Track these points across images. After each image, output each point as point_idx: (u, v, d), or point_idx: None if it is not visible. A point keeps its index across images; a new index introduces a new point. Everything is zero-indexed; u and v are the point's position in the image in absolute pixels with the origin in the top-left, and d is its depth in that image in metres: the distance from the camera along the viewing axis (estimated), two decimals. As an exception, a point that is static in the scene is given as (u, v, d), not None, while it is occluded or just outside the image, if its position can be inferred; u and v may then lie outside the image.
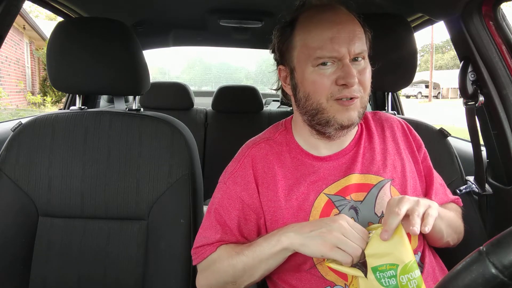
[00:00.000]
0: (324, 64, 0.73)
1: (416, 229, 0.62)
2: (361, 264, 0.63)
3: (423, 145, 0.88)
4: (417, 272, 0.61)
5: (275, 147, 0.83)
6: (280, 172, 0.79)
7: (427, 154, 0.88)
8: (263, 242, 0.71)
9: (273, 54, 0.85)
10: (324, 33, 0.73)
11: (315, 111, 0.75)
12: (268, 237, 0.72)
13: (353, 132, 0.83)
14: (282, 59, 0.82)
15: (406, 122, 0.90)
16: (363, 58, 0.75)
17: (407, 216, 0.64)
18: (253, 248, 0.72)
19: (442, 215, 0.76)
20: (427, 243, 0.82)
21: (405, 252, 0.62)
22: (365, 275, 0.62)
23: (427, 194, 0.84)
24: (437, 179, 0.87)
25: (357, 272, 0.63)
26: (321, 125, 0.76)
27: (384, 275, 0.61)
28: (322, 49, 0.72)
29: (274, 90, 0.91)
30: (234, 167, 0.83)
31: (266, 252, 0.70)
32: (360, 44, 0.73)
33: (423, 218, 0.64)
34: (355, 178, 0.78)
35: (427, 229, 0.65)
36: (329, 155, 0.81)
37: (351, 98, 0.73)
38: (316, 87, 0.74)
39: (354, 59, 0.73)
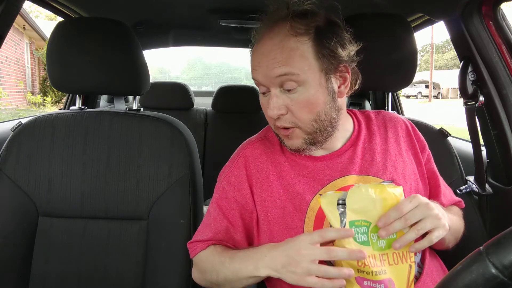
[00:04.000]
0: (262, 91, 0.75)
1: (397, 245, 0.63)
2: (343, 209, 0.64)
3: (427, 147, 0.86)
4: None
5: (269, 146, 0.83)
6: (273, 172, 0.79)
7: (431, 156, 0.86)
8: (242, 263, 0.71)
9: None
10: (252, 61, 0.75)
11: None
12: (246, 259, 0.71)
13: (345, 134, 0.82)
14: None
15: (411, 122, 0.89)
16: (298, 86, 0.70)
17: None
18: (233, 264, 0.72)
19: (450, 225, 0.74)
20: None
21: (381, 213, 0.63)
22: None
23: (436, 196, 0.83)
24: (442, 180, 0.86)
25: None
26: None
27: (358, 230, 0.62)
28: (252, 73, 0.75)
29: None
30: (229, 168, 0.83)
31: (245, 274, 0.70)
32: (282, 68, 0.68)
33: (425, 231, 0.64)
34: (352, 180, 0.76)
35: (413, 250, 0.65)
36: (323, 155, 0.80)
37: (286, 128, 0.74)
38: (264, 114, 0.77)
39: (286, 88, 0.70)
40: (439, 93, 26.58)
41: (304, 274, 0.62)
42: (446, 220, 0.68)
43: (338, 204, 0.64)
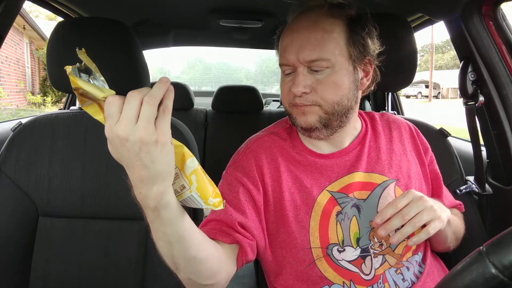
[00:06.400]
0: (287, 73, 0.77)
1: (395, 240, 0.64)
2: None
3: (430, 149, 0.88)
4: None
5: (278, 141, 0.84)
6: (283, 164, 0.80)
7: (434, 158, 0.87)
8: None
9: None
10: (283, 41, 0.76)
11: (287, 113, 0.81)
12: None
13: (353, 132, 0.83)
14: None
15: (414, 125, 0.90)
16: (327, 67, 0.72)
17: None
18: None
19: (451, 222, 0.76)
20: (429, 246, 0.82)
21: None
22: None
23: (438, 197, 0.84)
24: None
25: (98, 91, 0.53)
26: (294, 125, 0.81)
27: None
28: (280, 57, 0.77)
29: None
30: (236, 158, 0.83)
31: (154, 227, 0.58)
32: (314, 52, 0.71)
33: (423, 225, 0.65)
34: (359, 176, 0.78)
35: (411, 243, 0.66)
36: (332, 153, 0.81)
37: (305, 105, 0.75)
38: (281, 94, 0.80)
39: (314, 69, 0.72)
40: (439, 93, 26.59)
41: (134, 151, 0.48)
42: (444, 213, 0.69)
43: (89, 75, 0.54)
